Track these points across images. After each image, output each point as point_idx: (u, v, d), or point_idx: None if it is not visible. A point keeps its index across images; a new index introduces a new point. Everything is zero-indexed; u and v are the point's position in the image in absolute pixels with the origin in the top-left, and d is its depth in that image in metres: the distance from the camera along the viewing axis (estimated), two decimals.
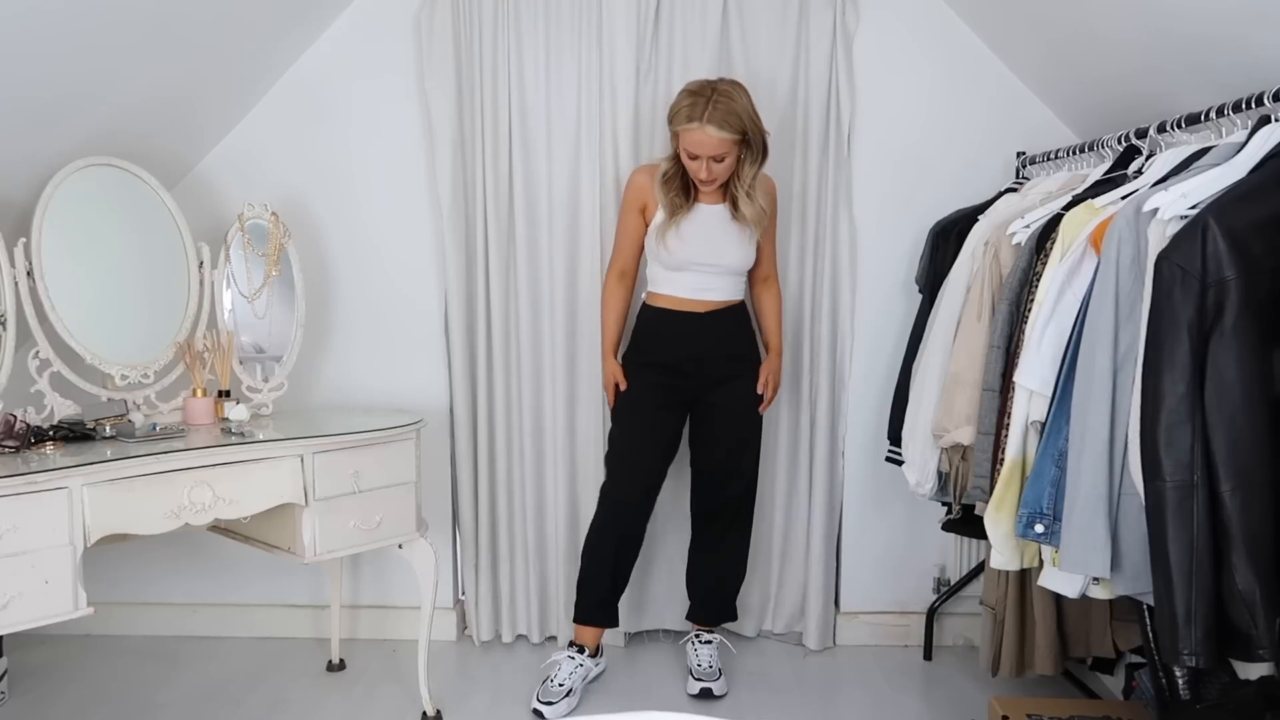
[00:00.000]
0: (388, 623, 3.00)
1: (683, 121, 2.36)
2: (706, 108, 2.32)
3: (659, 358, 2.58)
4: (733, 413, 2.62)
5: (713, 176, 2.42)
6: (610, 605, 2.65)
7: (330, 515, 2.29)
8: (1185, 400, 1.45)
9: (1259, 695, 1.71)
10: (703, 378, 2.57)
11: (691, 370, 2.56)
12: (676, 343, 2.56)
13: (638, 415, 2.60)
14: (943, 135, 2.84)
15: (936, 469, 2.30)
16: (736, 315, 2.60)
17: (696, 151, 2.38)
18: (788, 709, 2.59)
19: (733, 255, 2.52)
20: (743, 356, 2.62)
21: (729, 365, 2.59)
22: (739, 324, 2.61)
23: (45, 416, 2.20)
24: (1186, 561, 1.45)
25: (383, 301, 2.92)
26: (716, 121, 2.32)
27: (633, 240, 2.60)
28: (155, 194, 2.50)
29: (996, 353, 2.02)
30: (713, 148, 2.36)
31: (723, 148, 2.36)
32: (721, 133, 2.33)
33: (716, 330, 2.55)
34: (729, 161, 2.41)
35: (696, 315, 2.53)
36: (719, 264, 2.52)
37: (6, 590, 1.83)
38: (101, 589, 2.43)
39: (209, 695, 2.65)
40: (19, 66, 1.99)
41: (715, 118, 2.32)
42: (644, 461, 2.60)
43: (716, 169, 2.40)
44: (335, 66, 2.84)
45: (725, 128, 2.33)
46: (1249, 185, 1.52)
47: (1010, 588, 2.39)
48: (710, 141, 2.35)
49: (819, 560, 2.92)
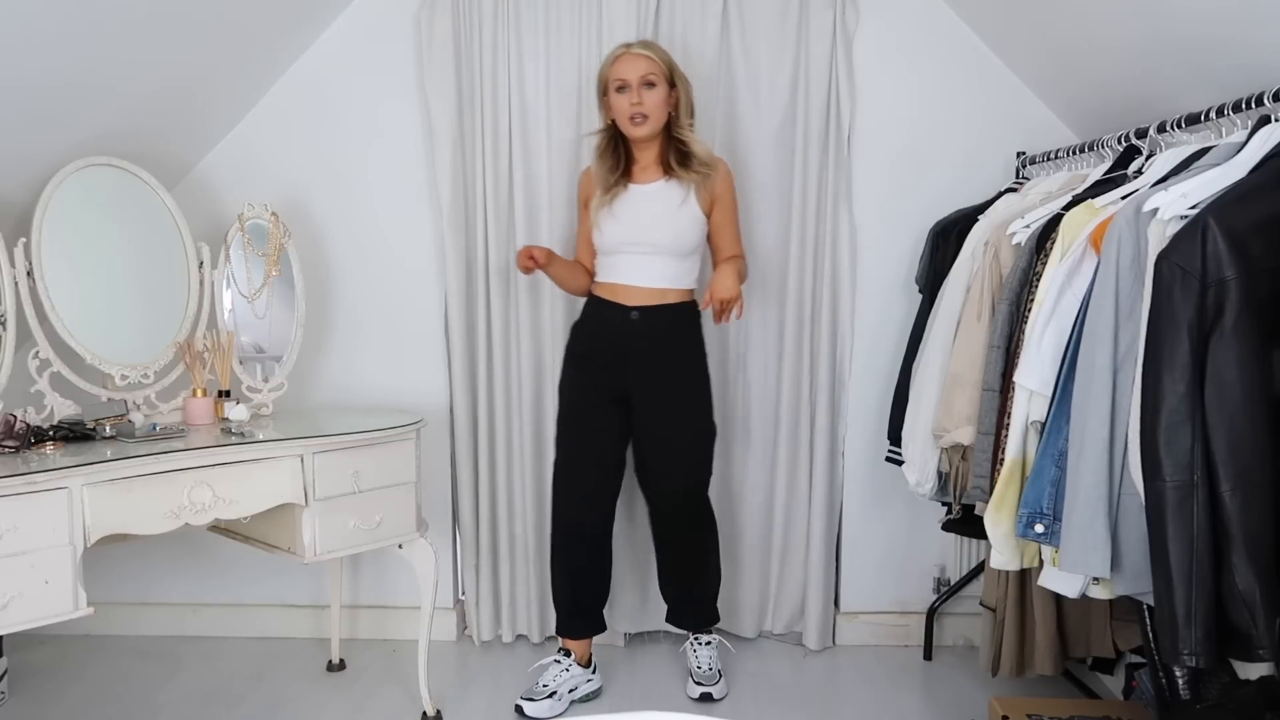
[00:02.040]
0: (388, 623, 3.00)
1: (609, 61, 2.44)
2: (631, 44, 2.47)
3: (587, 348, 2.54)
4: (663, 414, 2.50)
5: (645, 108, 2.39)
6: (582, 616, 2.63)
7: (330, 515, 2.29)
8: (1185, 400, 1.45)
9: (1259, 695, 1.71)
10: (630, 374, 2.48)
11: (619, 367, 2.49)
12: (604, 335, 2.51)
13: (575, 425, 2.56)
14: (943, 135, 2.83)
15: (936, 469, 2.30)
16: (673, 314, 2.49)
17: (626, 76, 2.39)
18: (788, 709, 2.59)
19: (666, 231, 2.44)
20: (678, 359, 2.51)
21: (660, 366, 2.49)
22: (672, 322, 2.50)
23: (45, 416, 2.20)
24: (1186, 561, 1.45)
25: (383, 301, 2.92)
26: (641, 45, 2.44)
27: (584, 240, 2.60)
28: (155, 194, 2.50)
29: (996, 353, 2.02)
30: (641, 68, 2.39)
31: (650, 68, 2.39)
32: (647, 52, 2.41)
33: (644, 326, 2.46)
34: (660, 94, 2.41)
35: (625, 309, 2.46)
36: (652, 241, 2.44)
37: (6, 590, 1.83)
38: (101, 589, 2.44)
39: (209, 695, 2.65)
40: (19, 66, 1.99)
41: (640, 44, 2.46)
42: (585, 470, 2.55)
43: (648, 98, 2.39)
44: (335, 66, 2.84)
45: (649, 49, 2.43)
46: (1249, 185, 1.52)
47: (1010, 588, 2.39)
48: (639, 60, 2.40)
49: (819, 560, 2.92)
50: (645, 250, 2.46)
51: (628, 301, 2.47)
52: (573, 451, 2.57)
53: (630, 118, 2.41)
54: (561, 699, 2.55)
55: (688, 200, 2.46)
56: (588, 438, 2.55)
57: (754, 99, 2.79)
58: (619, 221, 2.47)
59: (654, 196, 2.48)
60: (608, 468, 2.58)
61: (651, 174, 2.50)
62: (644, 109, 2.40)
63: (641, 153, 2.51)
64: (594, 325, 2.54)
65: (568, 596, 2.63)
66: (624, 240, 2.46)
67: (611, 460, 2.58)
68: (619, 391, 2.51)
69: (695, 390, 2.56)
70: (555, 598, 2.67)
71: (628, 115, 2.41)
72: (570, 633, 2.64)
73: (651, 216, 2.46)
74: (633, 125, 2.42)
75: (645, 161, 2.51)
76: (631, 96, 2.39)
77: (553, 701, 2.53)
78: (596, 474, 2.56)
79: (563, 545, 2.62)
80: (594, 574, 2.64)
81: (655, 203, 2.47)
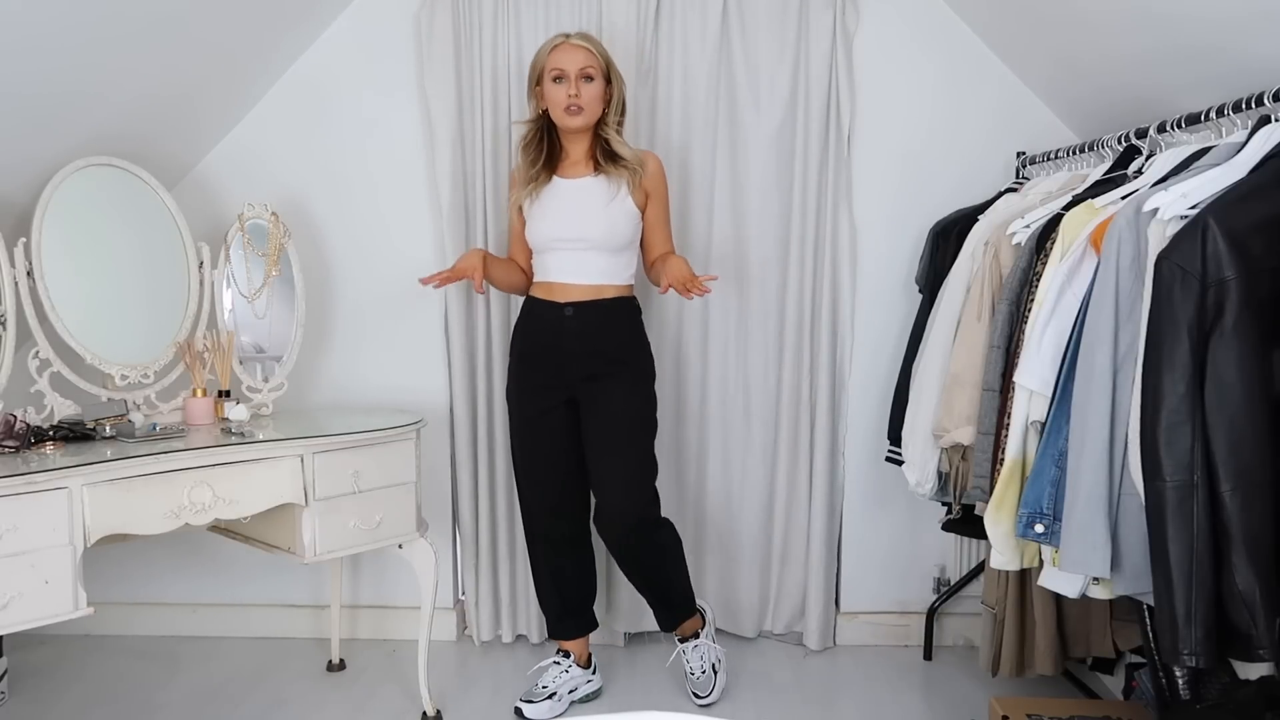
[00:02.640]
0: (388, 623, 3.00)
1: (547, 50, 2.39)
2: (570, 35, 2.43)
3: (526, 350, 2.49)
4: (603, 415, 2.43)
5: (580, 101, 2.35)
6: (572, 616, 2.61)
7: (330, 515, 2.29)
8: (1185, 400, 1.45)
9: (1259, 695, 1.71)
10: (571, 373, 2.43)
11: (556, 366, 2.44)
12: (541, 335, 2.46)
13: (527, 432, 2.50)
14: (943, 135, 2.83)
15: (936, 469, 2.30)
16: (609, 309, 2.43)
17: (564, 66, 2.35)
18: (788, 709, 2.59)
19: (598, 226, 2.38)
20: (617, 354, 2.44)
21: (598, 363, 2.42)
22: (608, 317, 2.43)
23: (45, 416, 2.20)
24: (1186, 561, 1.45)
25: (383, 301, 2.92)
26: (580, 37, 2.40)
27: (515, 238, 2.55)
28: (155, 194, 2.50)
29: (996, 353, 2.02)
30: (580, 59, 2.35)
31: (589, 60, 2.36)
32: (586, 44, 2.38)
33: (579, 324, 2.40)
34: (597, 88, 2.37)
35: (559, 306, 2.41)
36: (585, 237, 2.38)
37: (6, 590, 1.83)
38: (101, 589, 2.44)
39: (209, 695, 2.65)
40: (19, 67, 1.99)
41: (579, 35, 2.42)
42: (544, 477, 2.50)
43: (585, 90, 2.35)
44: (335, 66, 2.84)
45: (589, 42, 2.40)
46: (1249, 185, 1.52)
47: (1010, 588, 2.39)
48: (578, 52, 2.36)
49: (819, 560, 2.92)
50: (578, 246, 2.40)
51: (562, 299, 2.41)
52: (529, 460, 2.51)
53: (566, 108, 2.36)
54: (561, 700, 2.55)
55: (620, 195, 2.41)
56: (541, 443, 2.49)
57: (754, 99, 2.79)
58: (548, 216, 2.42)
59: (584, 190, 2.43)
60: (568, 471, 2.50)
61: (580, 169, 2.45)
62: (580, 100, 2.36)
63: (572, 146, 2.46)
64: (531, 326, 2.49)
65: (554, 600, 2.61)
66: (556, 236, 2.41)
67: (569, 462, 2.50)
68: (564, 392, 2.46)
69: (635, 387, 2.46)
70: (542, 603, 2.65)
71: (563, 105, 2.36)
72: (563, 634, 2.63)
73: (581, 211, 2.40)
74: (567, 115, 2.37)
75: (575, 156, 2.46)
76: (569, 87, 2.35)
77: (552, 703, 2.53)
78: (556, 479, 2.50)
79: (538, 552, 2.59)
80: (576, 574, 2.61)
81: (586, 196, 2.42)
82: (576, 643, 2.64)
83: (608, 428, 2.44)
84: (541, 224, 2.43)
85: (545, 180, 2.44)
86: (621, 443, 2.43)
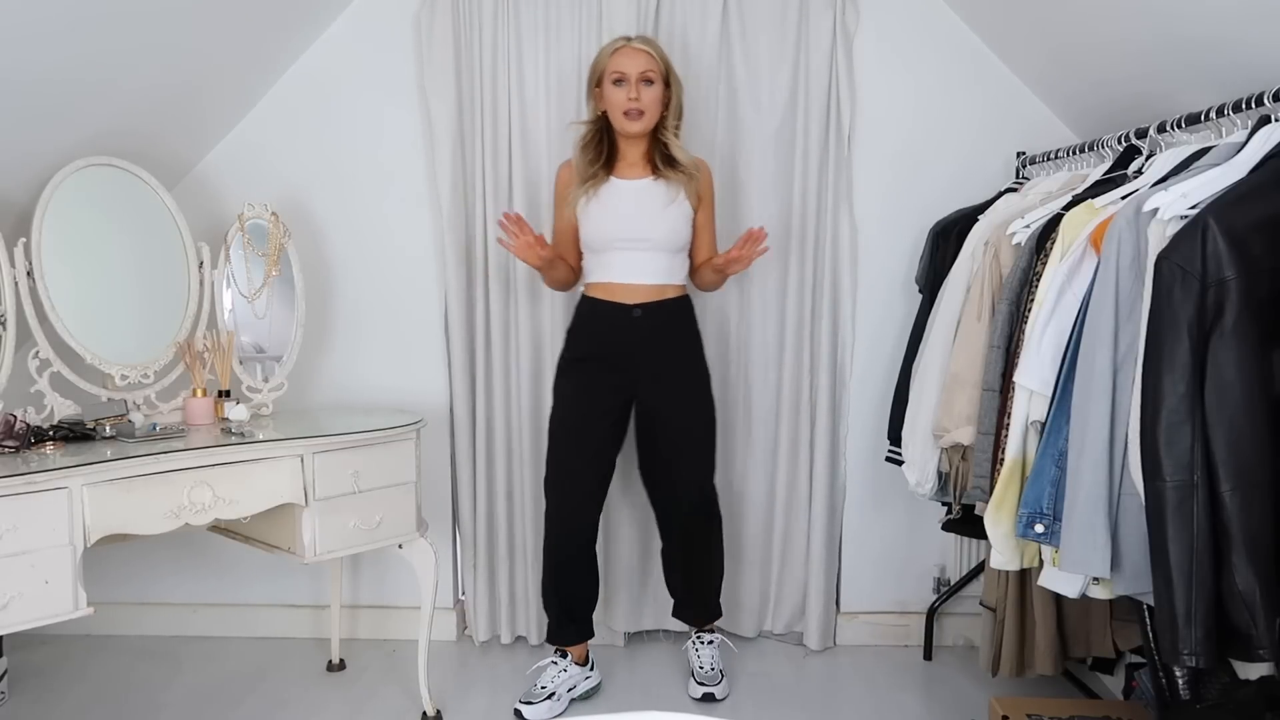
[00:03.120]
0: (388, 623, 3.00)
1: (608, 52, 2.42)
2: (631, 38, 2.46)
3: (590, 351, 2.51)
4: (674, 415, 2.52)
5: (640, 104, 2.38)
6: (574, 623, 2.62)
7: (330, 515, 2.29)
8: (1185, 400, 1.45)
9: (1259, 695, 1.71)
10: (637, 373, 2.47)
11: (626, 367, 2.48)
12: (607, 336, 2.48)
13: (575, 431, 2.52)
14: (943, 135, 2.83)
15: (936, 469, 2.30)
16: (670, 309, 2.49)
17: (624, 70, 2.38)
18: (788, 709, 2.59)
19: (660, 227, 2.43)
20: (680, 350, 2.52)
21: (666, 362, 2.49)
22: (674, 316, 2.50)
23: (45, 416, 2.20)
24: (1186, 561, 1.45)
25: (383, 301, 2.92)
26: (641, 41, 2.44)
27: (564, 235, 2.56)
28: (155, 194, 2.50)
29: (996, 353, 2.02)
30: (642, 63, 2.38)
31: (650, 64, 2.39)
32: (648, 48, 2.41)
33: (648, 323, 2.45)
34: (657, 91, 2.40)
35: (626, 308, 2.44)
36: (647, 237, 2.42)
37: (6, 590, 1.83)
38: (101, 589, 2.44)
39: (209, 695, 2.65)
40: (19, 66, 1.99)
41: (640, 39, 2.45)
42: (583, 475, 2.52)
43: (645, 94, 2.38)
44: (335, 66, 2.84)
45: (650, 46, 2.43)
46: (1249, 185, 1.52)
47: (1010, 588, 2.39)
48: (639, 55, 2.39)
49: (819, 560, 2.92)
50: (641, 247, 2.43)
51: (628, 300, 2.45)
52: (572, 452, 2.53)
53: (626, 112, 2.39)
54: (560, 699, 2.55)
55: (678, 199, 2.46)
56: (592, 439, 2.52)
57: (754, 99, 2.79)
58: (610, 216, 2.44)
59: (644, 192, 2.47)
60: (604, 474, 2.56)
61: (638, 170, 2.49)
62: (641, 104, 2.39)
63: (629, 148, 2.49)
64: (597, 327, 2.50)
65: (561, 606, 2.61)
66: (618, 236, 2.44)
67: (607, 467, 2.56)
68: (626, 392, 2.51)
69: (701, 382, 2.57)
70: (546, 605, 2.64)
71: (623, 109, 2.39)
72: (563, 640, 2.63)
73: (643, 212, 2.44)
74: (627, 120, 2.40)
75: (632, 158, 2.49)
76: (629, 91, 2.38)
77: (551, 703, 2.53)
78: (594, 479, 2.54)
79: (558, 554, 2.58)
80: (588, 582, 2.64)
81: (646, 198, 2.46)
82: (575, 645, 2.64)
83: (680, 422, 2.52)
84: (602, 223, 2.44)
85: (603, 180, 2.46)
86: (697, 433, 2.55)
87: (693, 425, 2.54)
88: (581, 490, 2.53)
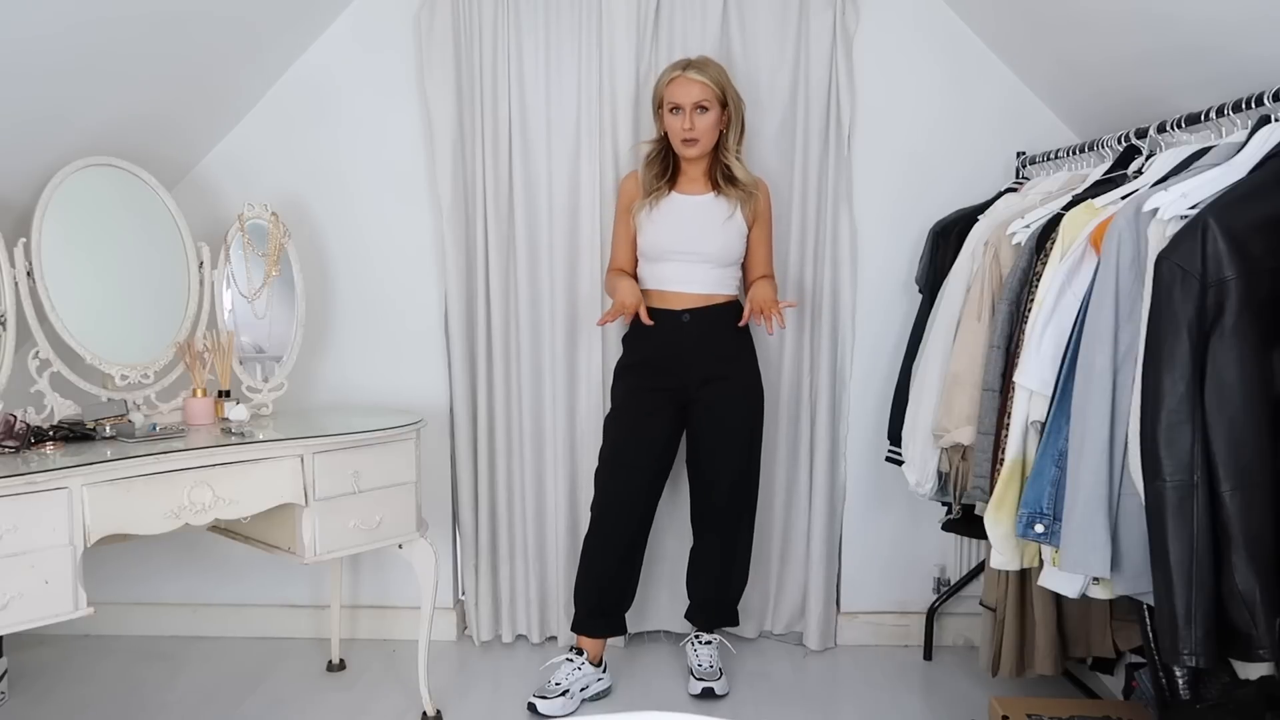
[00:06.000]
0: (388, 623, 3.00)
1: (665, 79, 2.51)
2: (688, 64, 2.51)
3: (644, 355, 2.58)
4: (721, 415, 2.58)
5: (695, 132, 2.47)
6: (604, 616, 2.63)
7: (330, 515, 2.29)
8: (1185, 400, 1.45)
9: (1259, 695, 1.71)
10: (689, 373, 2.54)
11: (677, 370, 2.55)
12: (657, 341, 2.55)
13: (624, 426, 2.59)
14: (943, 135, 2.83)
15: (936, 469, 2.30)
16: (721, 314, 2.56)
17: (679, 100, 2.47)
18: (788, 709, 2.59)
19: (714, 242, 2.52)
20: (731, 356, 2.58)
21: (715, 365, 2.55)
22: (724, 322, 2.56)
23: (45, 416, 2.20)
24: (1186, 561, 1.45)
25: (383, 301, 2.92)
26: (697, 68, 2.49)
27: (625, 242, 2.63)
28: (155, 194, 2.50)
29: (996, 353, 2.02)
30: (695, 93, 2.46)
31: (704, 94, 2.46)
32: (702, 77, 2.46)
33: (698, 328, 2.53)
34: (712, 118, 2.48)
35: (675, 314, 2.52)
36: (700, 251, 2.52)
37: (6, 590, 1.83)
38: (101, 589, 2.43)
39: (209, 695, 2.65)
40: (19, 66, 1.99)
41: (695, 66, 2.50)
42: (634, 475, 2.56)
43: (699, 123, 2.47)
44: (335, 66, 2.84)
45: (704, 74, 2.48)
46: (1249, 185, 1.52)
47: (1010, 588, 2.39)
48: (693, 86, 2.46)
49: (819, 560, 2.92)
50: (693, 259, 2.53)
51: (677, 306, 2.53)
52: (628, 444, 2.58)
53: (683, 140, 2.50)
54: (574, 697, 2.56)
55: (734, 216, 2.55)
56: (646, 433, 2.57)
57: (754, 99, 2.78)
58: (666, 228, 2.53)
59: (702, 208, 2.56)
60: (663, 464, 2.61)
61: (699, 186, 2.58)
62: (695, 134, 2.47)
63: (690, 166, 2.58)
64: (646, 332, 2.55)
65: (592, 595, 2.62)
66: (671, 248, 2.53)
67: (664, 464, 2.61)
68: (678, 394, 2.56)
69: (750, 385, 2.62)
70: (578, 594, 2.64)
71: (680, 138, 2.50)
72: (589, 631, 2.63)
73: (699, 227, 2.53)
74: (684, 147, 2.51)
75: (693, 174, 2.59)
76: (684, 120, 2.47)
77: (565, 699, 2.53)
78: (650, 466, 2.58)
79: (600, 545, 2.59)
80: (626, 576, 2.65)
81: (704, 214, 2.55)
82: (594, 642, 2.65)
83: (726, 421, 2.57)
84: (660, 234, 2.54)
85: (664, 194, 2.56)
86: (743, 436, 2.61)
87: (737, 427, 2.59)
88: (636, 473, 2.57)
